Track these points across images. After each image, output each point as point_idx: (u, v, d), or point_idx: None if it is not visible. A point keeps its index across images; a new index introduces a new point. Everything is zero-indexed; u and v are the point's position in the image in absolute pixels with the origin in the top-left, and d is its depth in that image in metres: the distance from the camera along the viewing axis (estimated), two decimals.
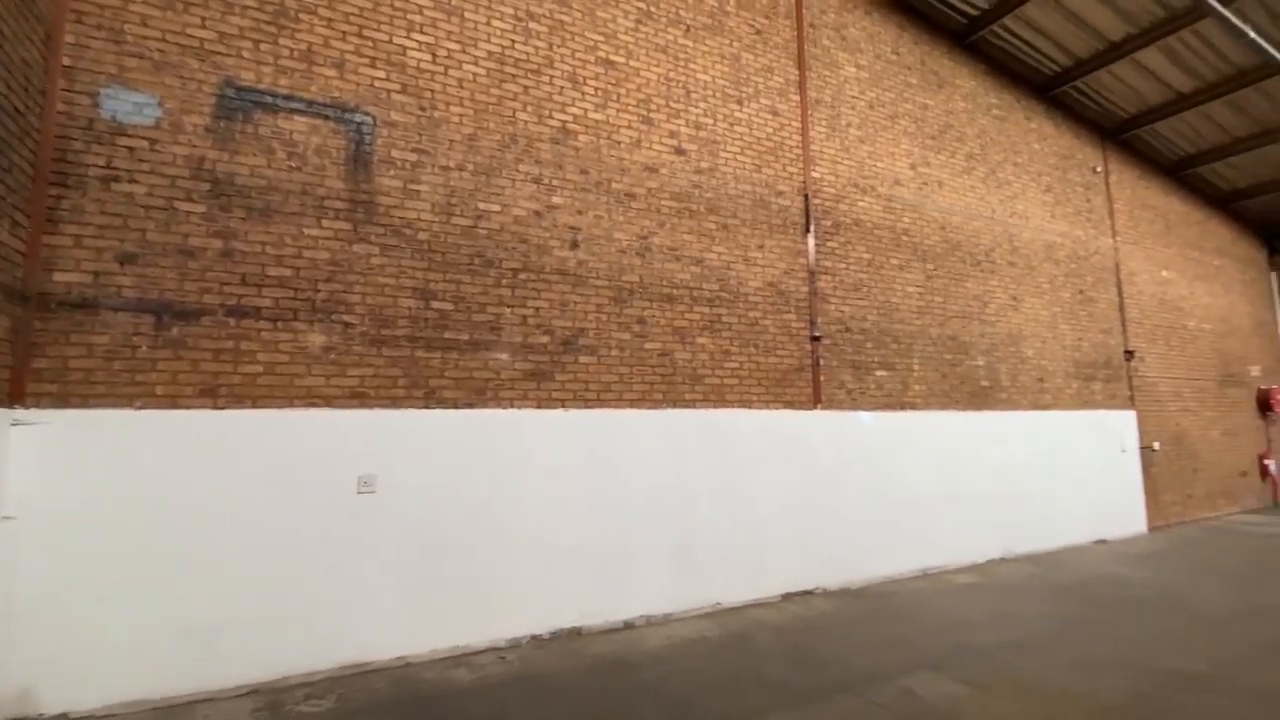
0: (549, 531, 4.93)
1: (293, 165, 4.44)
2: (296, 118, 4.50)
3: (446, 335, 4.77)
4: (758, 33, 6.79)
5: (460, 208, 4.97)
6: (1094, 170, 10.12)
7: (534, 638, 4.77)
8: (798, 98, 6.97)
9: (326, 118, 4.60)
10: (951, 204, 8.09)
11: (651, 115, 5.99)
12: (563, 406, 5.14)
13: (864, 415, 6.86)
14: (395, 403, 4.55)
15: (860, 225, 7.24)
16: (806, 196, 6.83)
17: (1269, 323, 13.24)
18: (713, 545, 5.67)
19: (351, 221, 4.58)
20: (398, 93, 4.86)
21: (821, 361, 6.67)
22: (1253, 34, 6.93)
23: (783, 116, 6.83)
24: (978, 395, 7.87)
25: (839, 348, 6.83)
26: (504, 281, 5.05)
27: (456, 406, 4.73)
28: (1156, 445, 9.82)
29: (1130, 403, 9.69)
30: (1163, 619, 5.30)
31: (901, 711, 3.55)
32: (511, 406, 4.94)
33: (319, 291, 4.42)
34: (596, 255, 5.48)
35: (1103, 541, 8.67)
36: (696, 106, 6.28)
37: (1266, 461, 12.15)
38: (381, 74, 4.82)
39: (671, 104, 6.13)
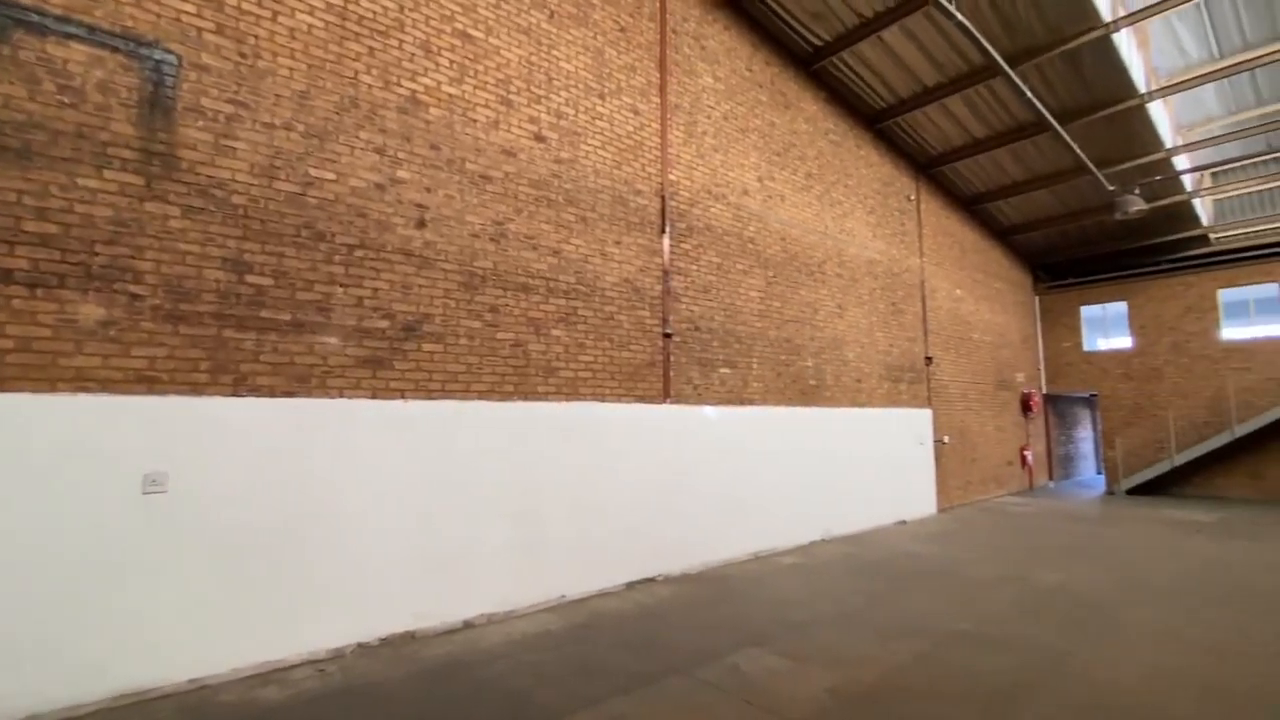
0: (381, 531, 4.60)
1: (65, 101, 3.68)
2: (73, 45, 3.73)
3: (263, 314, 4.25)
4: (622, 30, 6.85)
5: (287, 172, 4.44)
6: (908, 198, 11.55)
7: (360, 646, 4.43)
8: (658, 100, 7.15)
9: (115, 49, 3.87)
10: (792, 217, 8.79)
11: (511, 97, 5.80)
12: (402, 397, 4.82)
13: (709, 409, 7.23)
14: (196, 389, 3.96)
15: (712, 230, 7.61)
16: (664, 197, 7.03)
17: (1031, 337, 16.05)
18: (560, 538, 5.66)
19: (144, 176, 3.90)
20: (211, 33, 4.22)
21: (672, 358, 6.92)
22: (1029, 94, 8.32)
23: (644, 116, 6.96)
24: (807, 393, 8.64)
25: (688, 345, 7.13)
26: (337, 258, 4.60)
27: (274, 395, 4.23)
28: (946, 439, 11.49)
29: (928, 402, 11.23)
30: (944, 587, 6.20)
31: (726, 687, 3.79)
32: (341, 396, 4.53)
33: (97, 255, 3.71)
34: (446, 237, 5.20)
35: (903, 522, 9.97)
36: (559, 95, 6.19)
37: (1025, 452, 14.74)
38: (191, 8, 4.16)
39: (533, 88, 5.98)
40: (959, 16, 6.64)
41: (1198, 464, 13.64)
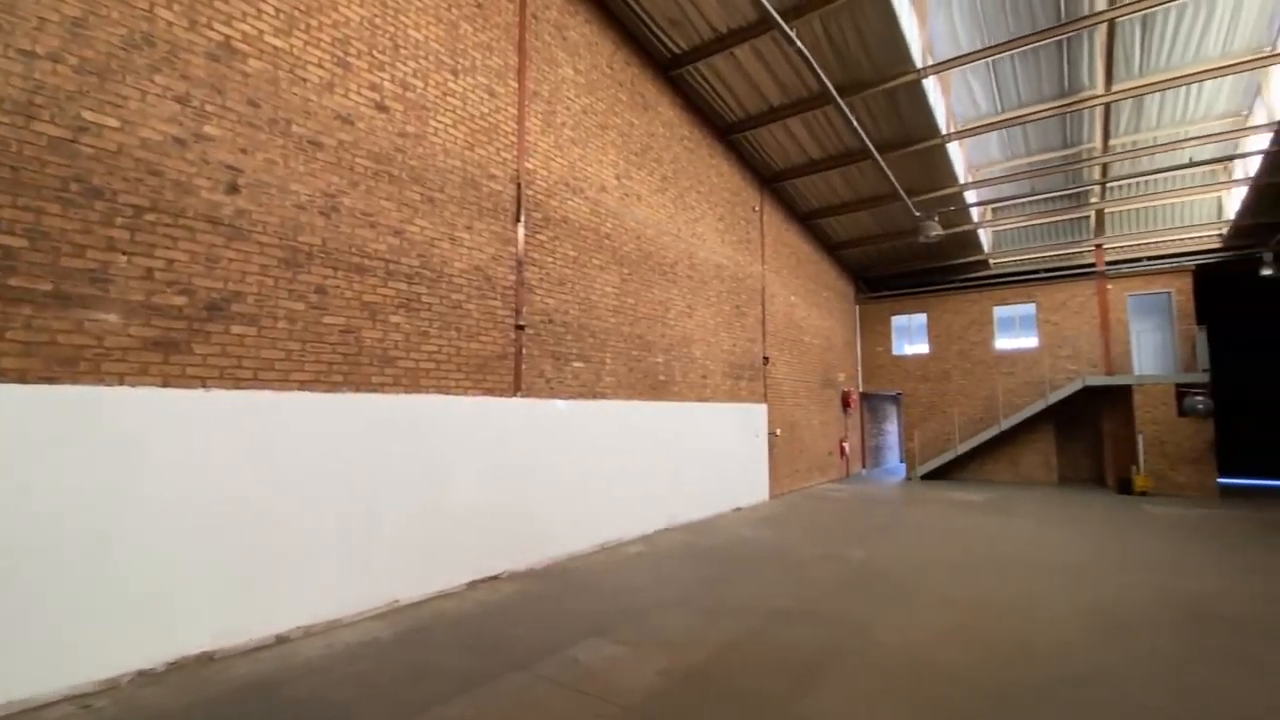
0: (172, 539, 3.99)
1: None
2: None
3: (12, 282, 3.48)
4: (478, 5, 6.55)
5: (52, 112, 3.67)
6: (754, 209, 12.39)
7: (141, 674, 3.80)
8: (516, 84, 6.95)
9: None
10: (648, 217, 9.03)
11: (350, 60, 5.30)
12: (203, 385, 4.20)
13: (561, 403, 7.20)
14: None
15: (569, 223, 7.57)
16: (519, 185, 6.86)
17: (852, 342, 18.02)
18: (395, 540, 5.30)
19: None
20: None
21: (525, 350, 6.78)
22: (856, 124, 9.30)
23: (500, 100, 6.73)
24: (657, 388, 8.94)
25: (541, 338, 7.04)
26: (119, 221, 3.89)
27: (25, 380, 3.48)
28: (778, 431, 12.54)
29: (764, 398, 12.16)
30: (771, 568, 6.74)
31: (563, 679, 3.79)
32: (122, 383, 3.84)
33: None
34: (264, 206, 4.62)
35: (739, 509, 10.71)
36: (406, 65, 5.77)
37: (844, 444, 16.53)
38: None
39: (376, 53, 5.51)
40: (799, 44, 7.23)
41: (974, 453, 16.23)
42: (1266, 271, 13.96)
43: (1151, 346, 14.89)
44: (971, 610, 5.29)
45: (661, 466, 8.83)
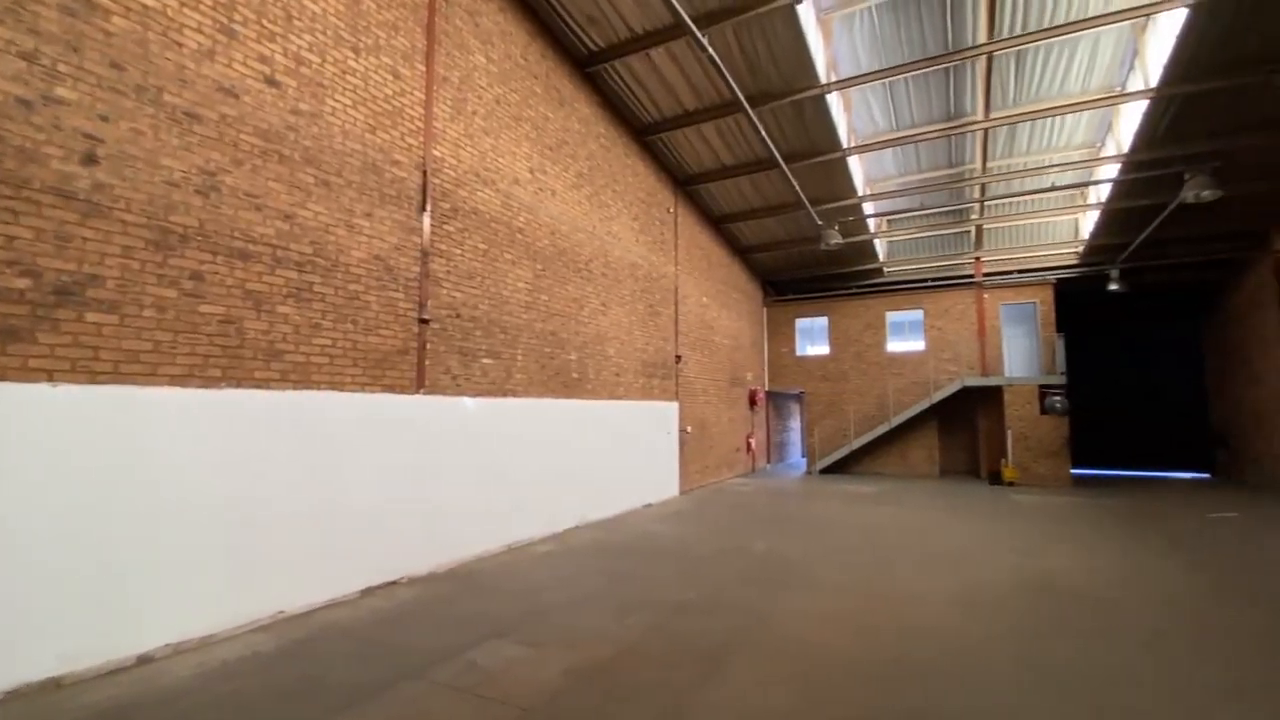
0: (6, 553, 3.51)
1: None
2: None
3: None
4: None
5: None
6: (668, 210, 12.59)
7: None
8: (424, 68, 6.67)
9: None
10: (562, 213, 8.95)
11: (236, 27, 4.88)
12: (49, 379, 3.73)
13: (468, 400, 6.99)
14: None
15: (479, 215, 7.37)
16: (425, 173, 6.59)
17: (759, 342, 18.73)
18: (280, 546, 4.95)
19: None
20: None
21: (429, 345, 6.53)
22: (763, 133, 9.66)
23: (405, 82, 6.43)
24: (569, 385, 8.90)
25: (448, 333, 6.80)
26: None
27: None
28: (689, 429, 12.83)
29: (676, 396, 12.40)
30: (678, 562, 6.89)
31: (460, 685, 3.69)
32: None
33: None
34: (130, 182, 4.16)
35: (649, 505, 10.86)
36: (301, 37, 5.39)
37: (750, 440, 17.16)
38: None
39: (266, 22, 5.11)
40: (710, 51, 7.42)
41: (868, 448, 17.34)
42: (1114, 286, 15.85)
43: (1020, 351, 16.52)
44: (860, 596, 5.65)
45: (573, 465, 8.80)
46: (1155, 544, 7.87)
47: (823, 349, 18.68)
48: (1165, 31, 9.07)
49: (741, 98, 8.67)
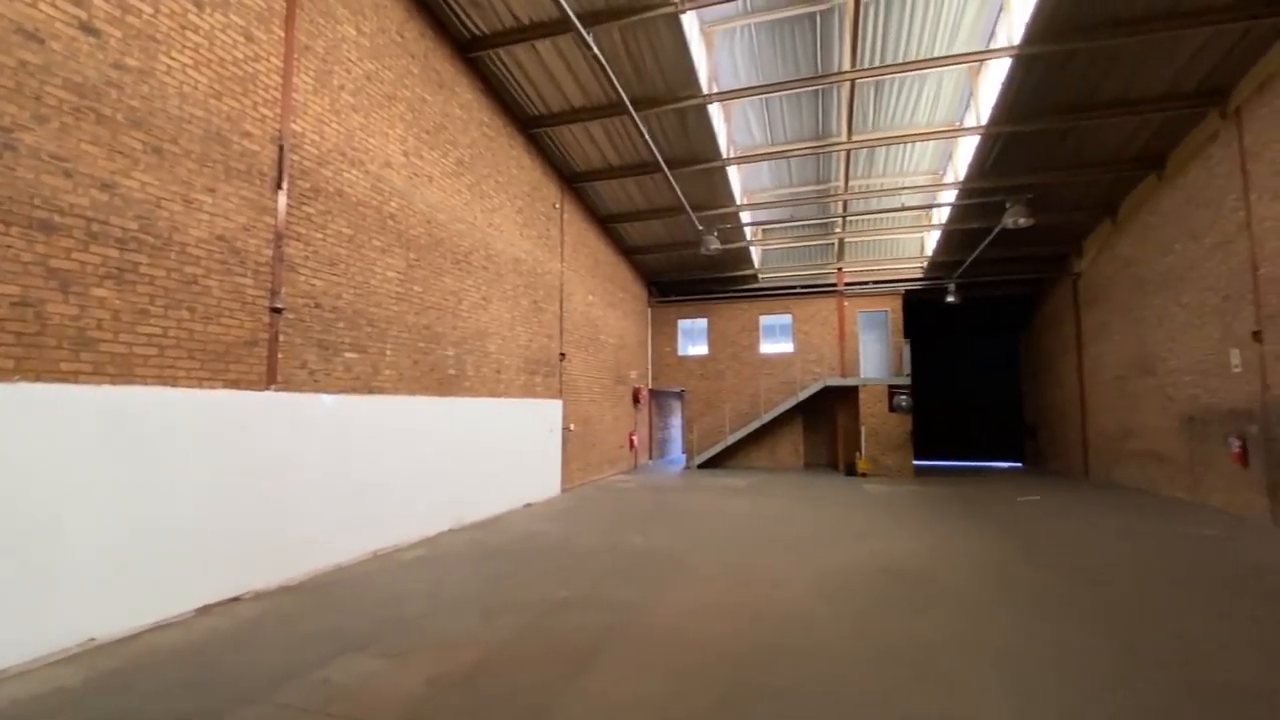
0: None
1: None
2: None
3: None
4: None
5: None
6: (554, 206, 12.46)
7: None
8: (283, 33, 6.08)
9: None
10: (440, 201, 8.56)
11: None
12: None
13: (328, 398, 6.48)
14: None
15: (344, 197, 6.85)
16: (282, 148, 6.02)
17: (644, 342, 19.10)
18: (90, 565, 4.29)
19: None
20: None
21: (282, 337, 5.97)
22: (647, 136, 9.84)
23: (260, 46, 5.82)
24: (445, 382, 8.53)
25: (305, 324, 6.26)
26: None
27: None
28: (572, 426, 12.80)
29: (559, 394, 12.32)
30: (556, 560, 6.84)
31: (309, 705, 3.42)
32: None
33: None
34: None
35: (530, 505, 10.70)
36: None
37: (633, 437, 17.45)
38: None
39: None
40: (595, 50, 7.44)
41: (741, 443, 18.27)
42: (951, 299, 17.90)
43: (873, 355, 18.19)
44: (727, 584, 5.93)
45: (449, 466, 8.44)
46: (977, 526, 9.00)
47: (702, 349, 19.41)
48: (994, 77, 10.38)
49: (627, 100, 8.78)
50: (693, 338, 19.82)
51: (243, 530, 5.43)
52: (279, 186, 5.97)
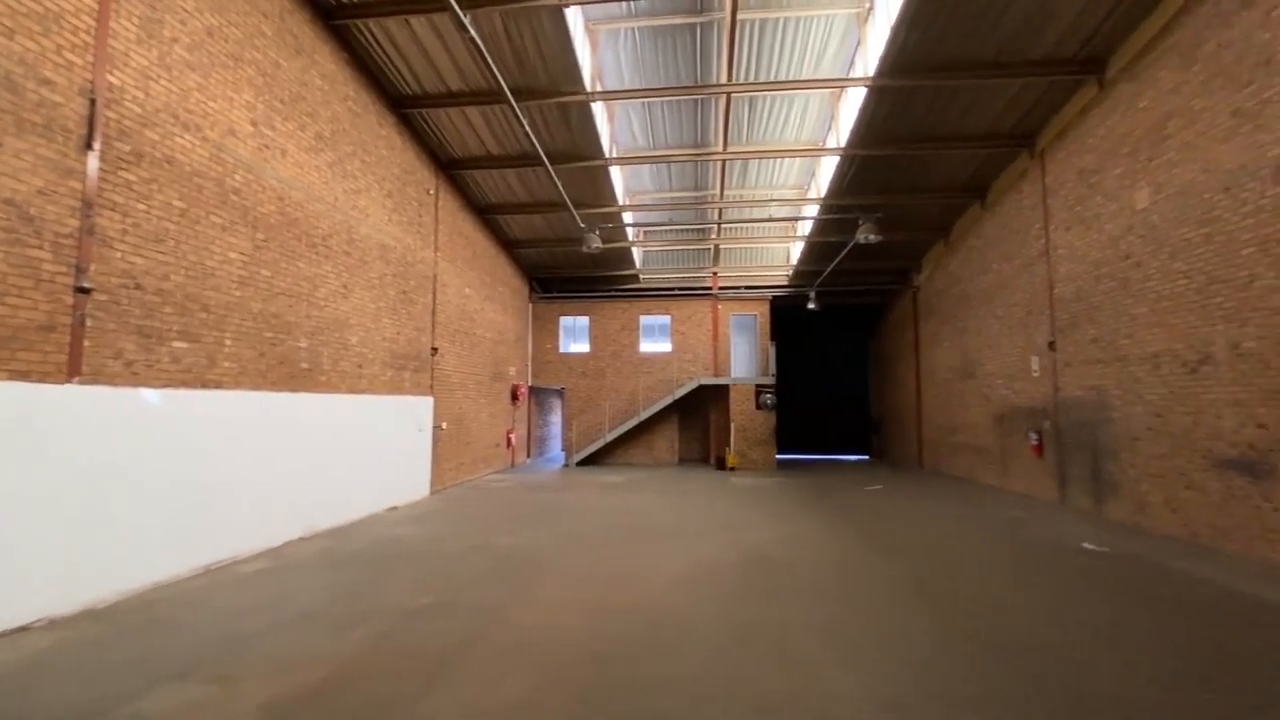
0: None
1: None
2: None
3: None
4: None
5: None
6: (428, 191, 11.85)
7: None
8: None
9: None
10: (294, 178, 7.81)
11: None
12: None
13: (149, 393, 5.67)
14: None
15: (176, 165, 6.03)
16: (94, 102, 5.18)
17: (524, 338, 18.74)
18: None
19: None
20: None
21: (90, 322, 5.14)
22: (528, 127, 9.64)
23: None
24: (297, 377, 7.80)
25: (122, 307, 5.44)
26: None
27: None
28: (444, 425, 12.25)
29: (430, 390, 11.74)
30: (419, 566, 6.50)
31: None
32: None
33: None
34: None
35: (394, 508, 10.09)
36: None
37: (510, 435, 17.06)
38: None
39: None
40: (472, 32, 7.15)
41: (620, 440, 18.53)
42: (811, 305, 19.34)
43: (743, 356, 19.22)
44: (598, 580, 5.98)
45: (300, 468, 7.73)
46: (828, 514, 9.81)
47: (584, 347, 19.43)
48: (853, 104, 11.35)
49: (506, 89, 8.54)
50: (575, 335, 19.77)
51: (28, 548, 4.61)
52: (89, 147, 5.13)
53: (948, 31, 8.53)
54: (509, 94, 8.66)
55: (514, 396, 17.29)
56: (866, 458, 22.06)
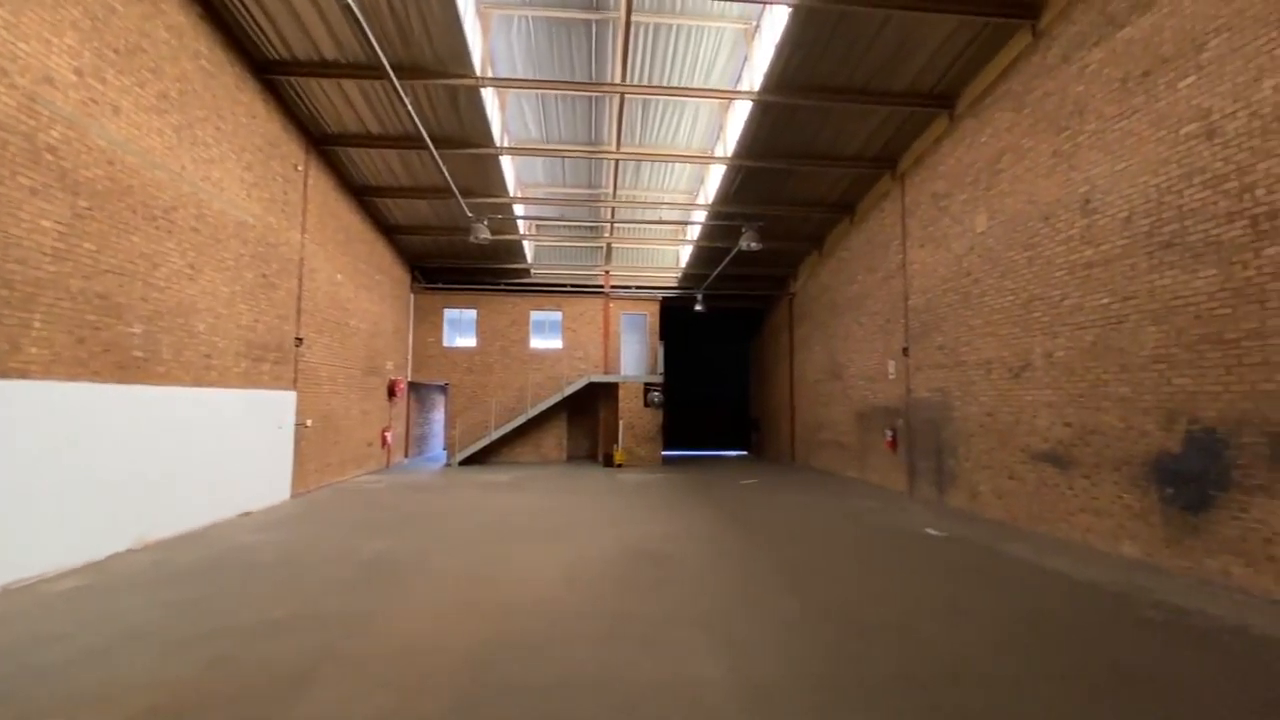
0: None
1: None
2: None
3: None
4: None
5: None
6: (296, 167, 10.86)
7: None
8: None
9: None
10: (129, 140, 6.84)
11: None
12: None
13: None
14: None
15: None
16: None
17: (404, 330, 17.75)
18: None
19: None
20: None
21: None
22: (410, 107, 9.10)
23: None
24: (128, 367, 6.85)
25: None
26: None
27: None
28: (309, 422, 11.31)
29: (293, 384, 10.78)
30: (270, 577, 5.93)
31: None
32: None
33: None
34: None
35: (248, 514, 9.16)
36: None
37: (386, 433, 16.09)
38: None
39: None
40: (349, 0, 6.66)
41: (507, 438, 18.11)
42: (699, 308, 20.01)
43: (633, 354, 19.50)
44: (475, 582, 5.79)
45: (129, 471, 6.79)
46: (708, 507, 10.20)
47: (470, 341, 18.76)
48: (740, 116, 11.85)
49: (386, 63, 8.02)
50: (460, 329, 19.05)
51: None
52: None
53: (825, 56, 9.16)
54: (390, 70, 8.15)
55: (391, 392, 16.33)
56: (746, 453, 23.19)
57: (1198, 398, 5.89)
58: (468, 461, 17.51)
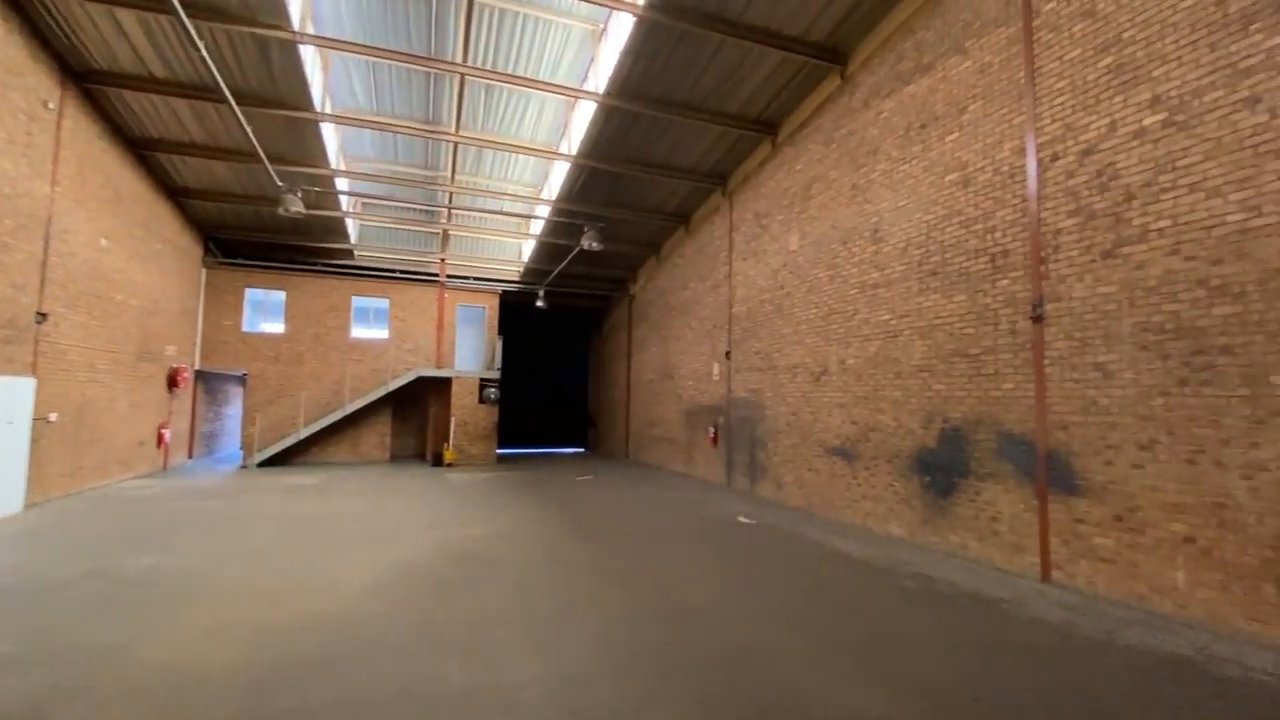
0: None
1: None
2: None
3: None
4: None
5: None
6: (46, 105, 8.85)
7: None
8: None
9: None
10: None
11: None
12: None
13: None
14: None
15: None
16: None
17: (192, 310, 15.29)
18: None
19: None
20: None
21: None
22: (204, 51, 7.78)
23: None
24: None
25: None
26: None
27: None
28: (54, 416, 9.26)
29: (32, 370, 8.77)
30: None
31: None
32: None
33: None
34: None
35: None
36: None
37: (164, 431, 13.73)
38: None
39: None
40: None
41: (318, 436, 16.42)
42: (540, 304, 19.82)
43: (469, 348, 18.76)
44: (263, 598, 5.16)
45: None
46: (540, 505, 10.14)
47: (278, 327, 16.71)
48: (584, 116, 11.93)
49: None
50: (266, 312, 16.90)
51: None
52: None
53: (666, 69, 9.57)
54: (176, 2, 6.95)
55: (172, 382, 13.97)
56: (583, 450, 23.46)
57: (949, 401, 7.11)
58: (270, 462, 15.57)
